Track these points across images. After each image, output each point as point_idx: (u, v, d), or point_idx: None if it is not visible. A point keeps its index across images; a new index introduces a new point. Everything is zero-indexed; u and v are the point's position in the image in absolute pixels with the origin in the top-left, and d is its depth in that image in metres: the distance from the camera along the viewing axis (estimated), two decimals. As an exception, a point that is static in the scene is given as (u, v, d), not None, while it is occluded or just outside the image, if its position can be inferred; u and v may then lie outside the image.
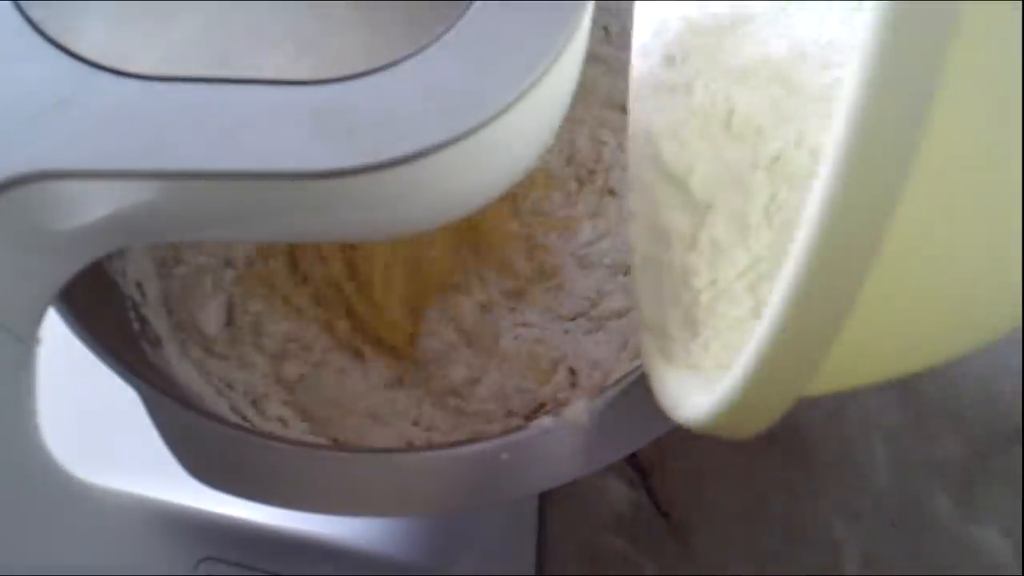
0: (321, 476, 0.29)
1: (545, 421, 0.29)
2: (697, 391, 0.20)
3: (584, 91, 0.37)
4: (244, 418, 0.34)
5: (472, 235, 0.40)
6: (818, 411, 0.46)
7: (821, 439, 0.46)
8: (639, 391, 0.29)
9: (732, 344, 0.22)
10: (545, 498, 0.44)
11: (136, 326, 0.34)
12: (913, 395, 0.46)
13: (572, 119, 0.42)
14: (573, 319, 0.39)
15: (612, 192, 0.42)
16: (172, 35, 0.20)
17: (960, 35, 0.13)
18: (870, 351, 0.17)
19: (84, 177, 0.19)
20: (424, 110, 0.19)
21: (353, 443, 0.36)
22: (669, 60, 0.26)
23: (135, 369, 0.30)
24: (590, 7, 0.21)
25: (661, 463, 0.46)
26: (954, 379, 0.46)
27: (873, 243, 0.14)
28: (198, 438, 0.29)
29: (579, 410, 0.29)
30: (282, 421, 0.36)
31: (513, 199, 0.41)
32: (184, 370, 0.34)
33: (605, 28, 0.42)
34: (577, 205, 0.41)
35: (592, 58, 0.41)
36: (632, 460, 0.45)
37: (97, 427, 0.34)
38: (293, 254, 0.39)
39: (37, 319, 0.23)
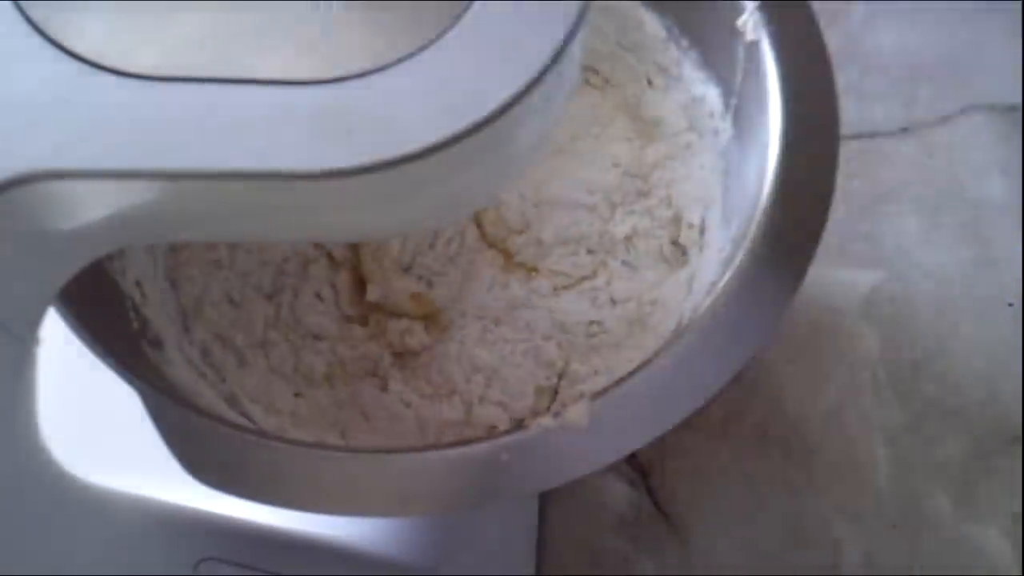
0: (321, 476, 0.29)
1: (545, 421, 0.29)
2: None
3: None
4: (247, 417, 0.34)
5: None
6: (818, 411, 0.46)
7: (821, 439, 0.46)
8: (639, 391, 0.29)
9: None
10: (545, 498, 0.44)
11: (136, 326, 0.34)
12: (913, 395, 0.46)
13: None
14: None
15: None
16: (172, 35, 0.20)
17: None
18: None
19: (84, 177, 0.19)
20: (424, 110, 0.19)
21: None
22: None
23: (135, 369, 0.30)
24: (590, 7, 0.21)
25: (661, 463, 0.45)
26: (954, 379, 0.46)
27: None
28: (198, 438, 0.29)
29: (579, 410, 0.29)
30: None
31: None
32: (184, 370, 0.34)
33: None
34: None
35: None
36: (632, 460, 0.45)
37: (97, 427, 0.34)
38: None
39: (37, 319, 0.23)
